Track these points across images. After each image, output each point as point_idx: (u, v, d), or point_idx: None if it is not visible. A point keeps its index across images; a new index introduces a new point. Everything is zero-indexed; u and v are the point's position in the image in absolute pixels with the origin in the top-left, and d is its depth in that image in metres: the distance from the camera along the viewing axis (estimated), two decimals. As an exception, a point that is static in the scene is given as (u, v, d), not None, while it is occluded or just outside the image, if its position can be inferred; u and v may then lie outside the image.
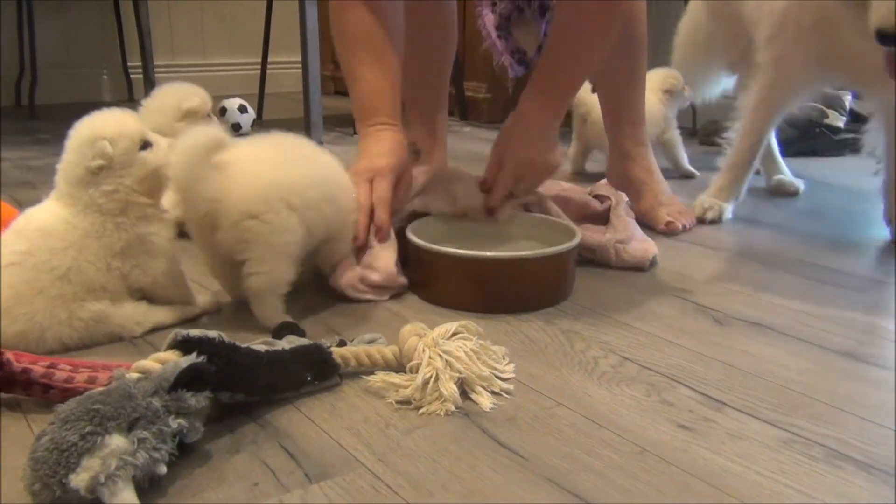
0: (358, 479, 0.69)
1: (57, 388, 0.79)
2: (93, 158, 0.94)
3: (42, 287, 0.93)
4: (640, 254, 1.24)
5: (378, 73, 1.24)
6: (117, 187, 0.96)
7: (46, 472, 0.61)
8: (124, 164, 0.97)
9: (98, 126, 0.97)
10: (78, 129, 0.98)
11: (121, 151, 0.96)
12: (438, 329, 0.87)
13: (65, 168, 0.97)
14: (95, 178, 0.95)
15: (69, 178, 0.96)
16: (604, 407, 0.82)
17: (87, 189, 0.96)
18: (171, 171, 0.96)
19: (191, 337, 0.75)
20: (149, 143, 1.00)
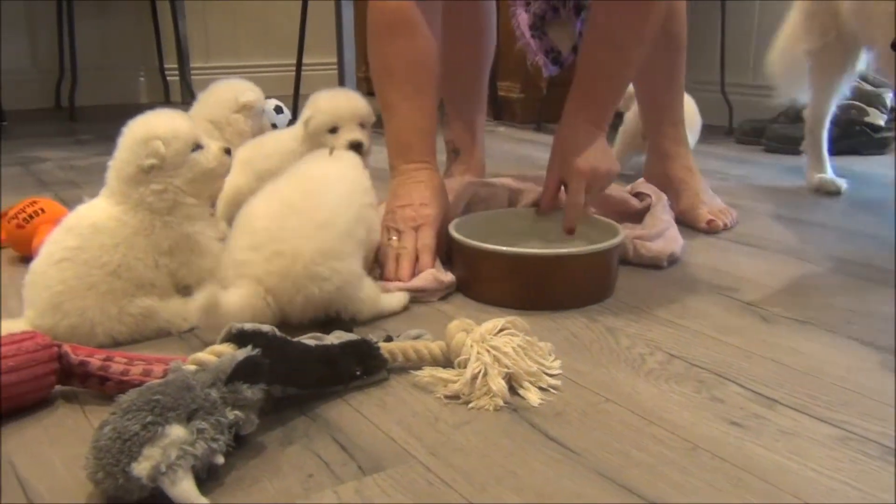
0: (410, 471, 0.70)
1: (113, 380, 0.80)
2: (146, 157, 0.96)
3: (93, 283, 0.94)
4: (658, 250, 1.23)
5: (419, 109, 1.23)
6: (167, 187, 0.98)
7: (109, 461, 0.62)
8: (175, 165, 0.98)
9: (152, 126, 0.99)
10: (132, 128, 1.00)
11: (173, 152, 0.98)
12: (486, 325, 0.88)
13: (117, 166, 0.99)
14: (146, 177, 0.97)
15: (121, 176, 0.98)
16: (652, 403, 0.82)
17: (137, 187, 0.97)
18: None
19: (245, 330, 0.76)
20: (200, 146, 1.01)
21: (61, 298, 0.93)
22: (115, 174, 0.99)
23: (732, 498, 0.66)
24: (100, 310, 0.94)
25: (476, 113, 1.58)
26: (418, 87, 1.24)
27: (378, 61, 1.26)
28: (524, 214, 1.27)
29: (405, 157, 1.23)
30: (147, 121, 1.00)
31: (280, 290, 0.95)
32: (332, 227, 0.99)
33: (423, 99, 1.24)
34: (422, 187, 1.20)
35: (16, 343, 0.78)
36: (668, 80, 1.51)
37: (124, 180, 0.98)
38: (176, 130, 0.99)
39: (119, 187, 0.98)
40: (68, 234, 0.97)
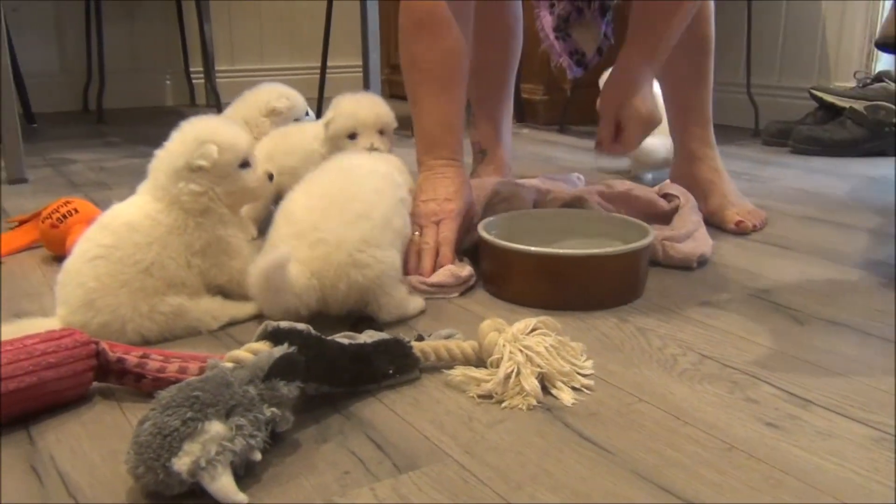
0: (446, 469, 0.70)
1: (149, 377, 0.81)
2: (198, 157, 0.97)
3: (126, 280, 0.95)
4: (688, 251, 1.22)
5: (446, 105, 1.26)
6: (206, 191, 0.99)
7: (150, 456, 0.63)
8: (221, 175, 1.00)
9: (213, 130, 1.01)
10: (192, 124, 1.02)
11: (224, 161, 0.99)
12: (518, 324, 0.88)
13: (165, 157, 1.00)
14: (190, 175, 0.98)
15: (166, 168, 0.99)
16: (686, 404, 0.81)
17: (177, 183, 0.98)
18: None
19: (281, 328, 0.76)
20: (248, 164, 1.03)
21: (94, 295, 0.94)
22: (161, 166, 1.00)
23: (770, 498, 0.66)
24: (131, 307, 0.95)
25: (503, 114, 1.58)
26: (446, 85, 1.26)
27: (408, 58, 1.29)
28: (554, 215, 1.27)
29: (432, 152, 1.24)
30: (210, 123, 1.02)
31: (323, 275, 0.96)
32: (370, 217, 1.00)
33: (451, 96, 1.26)
34: (447, 182, 1.22)
35: (55, 340, 0.79)
36: (695, 82, 1.50)
37: (168, 173, 0.99)
38: (233, 142, 1.01)
39: (162, 180, 0.99)
40: (103, 232, 0.98)
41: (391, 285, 1.01)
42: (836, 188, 1.80)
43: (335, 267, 0.96)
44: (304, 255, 0.97)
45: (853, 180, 1.88)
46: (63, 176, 1.96)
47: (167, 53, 3.27)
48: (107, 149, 2.32)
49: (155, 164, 1.01)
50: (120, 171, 1.99)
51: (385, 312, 1.00)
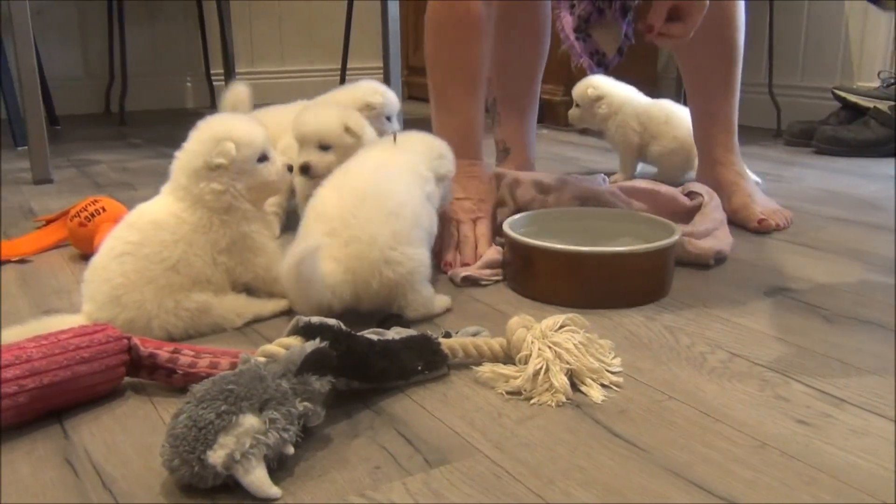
0: (477, 464, 0.70)
1: (180, 372, 0.82)
2: (216, 155, 0.98)
3: (152, 277, 0.96)
4: (706, 248, 1.22)
5: (475, 106, 1.32)
6: (228, 188, 1.00)
7: (186, 449, 0.63)
8: (240, 170, 1.00)
9: (228, 127, 1.01)
10: (208, 124, 1.02)
11: (242, 157, 1.00)
12: (546, 321, 0.88)
13: (184, 157, 1.01)
14: (210, 174, 0.99)
15: (187, 168, 1.00)
16: (717, 401, 0.81)
17: (199, 182, 0.99)
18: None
19: (312, 323, 0.77)
20: (266, 157, 1.04)
21: (121, 291, 0.95)
22: (181, 165, 1.01)
23: (805, 496, 0.65)
24: (157, 303, 0.96)
25: (528, 113, 1.58)
26: (476, 86, 1.30)
27: (440, 57, 1.31)
28: (579, 213, 1.27)
29: (464, 153, 1.26)
30: (224, 121, 1.03)
31: (357, 272, 0.97)
32: (401, 214, 1.01)
33: (478, 97, 1.31)
34: (477, 182, 1.28)
35: (88, 335, 0.80)
36: (722, 87, 1.48)
37: (189, 174, 1.00)
38: (249, 137, 1.01)
39: (183, 180, 1.00)
40: (129, 230, 0.99)
41: (420, 282, 1.02)
42: (862, 188, 1.78)
43: (368, 264, 0.97)
44: (338, 252, 0.97)
45: (878, 180, 1.86)
46: (87, 177, 1.98)
47: (188, 56, 3.30)
48: (129, 150, 2.34)
49: (175, 165, 1.02)
50: (143, 172, 2.00)
51: (412, 309, 1.01)
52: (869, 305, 1.07)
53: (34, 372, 0.74)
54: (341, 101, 1.55)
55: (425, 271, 1.03)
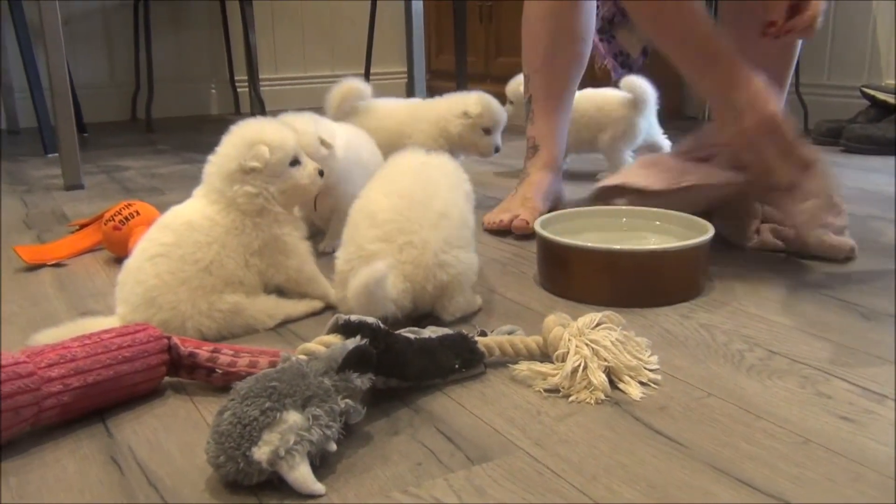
0: (518, 461, 0.70)
1: (220, 371, 0.82)
2: (250, 159, 0.99)
3: (186, 278, 0.97)
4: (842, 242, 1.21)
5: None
6: (261, 192, 1.01)
7: (231, 445, 0.64)
8: (273, 174, 1.01)
9: (262, 131, 1.02)
10: (242, 128, 1.03)
11: (275, 161, 1.01)
12: (583, 319, 0.87)
13: (218, 161, 1.02)
14: (244, 178, 1.00)
15: (220, 172, 1.01)
16: (757, 398, 0.80)
17: (232, 185, 1.00)
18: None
19: (351, 322, 0.77)
20: (298, 162, 1.04)
21: (155, 293, 0.95)
22: (214, 170, 1.02)
23: (852, 492, 0.64)
24: (191, 304, 0.96)
25: (562, 114, 1.57)
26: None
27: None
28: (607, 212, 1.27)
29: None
30: (258, 125, 1.04)
31: (414, 278, 0.97)
32: (451, 216, 1.01)
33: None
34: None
35: (130, 334, 0.81)
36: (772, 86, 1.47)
37: (223, 177, 1.01)
38: (282, 142, 1.02)
39: (217, 183, 1.01)
40: (163, 232, 1.00)
41: (469, 281, 1.02)
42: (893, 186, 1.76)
43: (424, 269, 0.97)
44: (394, 259, 0.96)
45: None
46: (117, 182, 2.00)
47: (212, 63, 3.33)
48: (157, 156, 2.37)
49: (209, 169, 1.03)
50: (171, 177, 2.02)
51: (452, 311, 1.00)
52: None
53: (78, 371, 0.75)
54: (440, 107, 1.65)
55: (473, 276, 1.03)
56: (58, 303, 1.13)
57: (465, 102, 1.62)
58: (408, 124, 1.66)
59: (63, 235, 1.46)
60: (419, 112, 1.68)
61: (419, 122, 1.65)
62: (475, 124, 1.61)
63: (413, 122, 1.66)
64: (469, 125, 1.61)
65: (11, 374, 0.70)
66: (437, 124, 1.63)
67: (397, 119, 1.67)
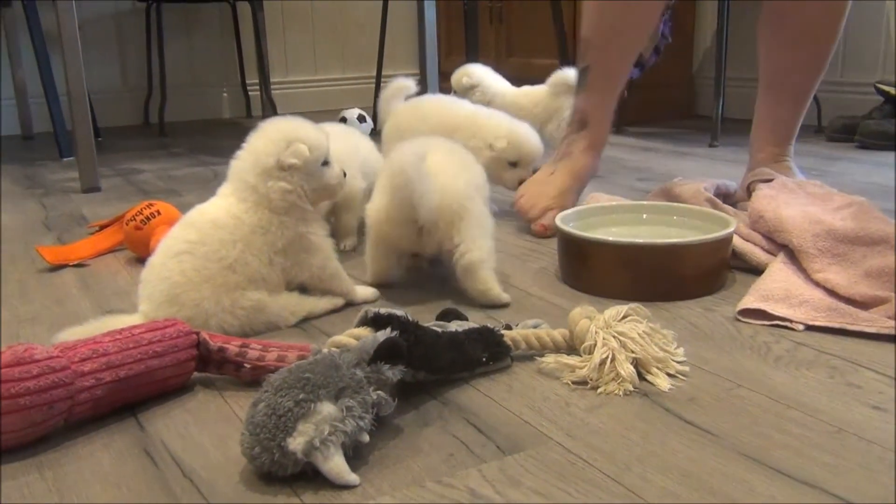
0: (550, 451, 0.70)
1: (248, 366, 0.83)
2: (290, 155, 1.00)
3: (210, 275, 0.97)
4: None
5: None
6: (295, 188, 1.01)
7: (266, 436, 0.64)
8: (308, 172, 1.02)
9: (299, 130, 1.03)
10: (277, 126, 1.03)
11: (311, 160, 1.02)
12: (609, 311, 0.88)
13: (249, 158, 1.02)
14: (280, 174, 1.00)
15: (256, 168, 1.01)
16: (787, 388, 0.80)
17: (266, 181, 1.00)
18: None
19: (381, 314, 0.77)
20: (328, 162, 1.05)
21: (179, 290, 0.96)
22: (247, 166, 1.02)
23: (888, 479, 0.64)
24: (214, 301, 0.97)
25: (617, 91, 1.47)
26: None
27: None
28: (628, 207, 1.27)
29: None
30: (294, 124, 1.04)
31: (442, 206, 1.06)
32: (472, 169, 1.16)
33: None
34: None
35: (160, 329, 0.81)
36: (799, 96, 1.44)
37: (258, 173, 1.00)
38: (318, 142, 1.03)
39: (248, 180, 1.01)
40: (188, 229, 1.00)
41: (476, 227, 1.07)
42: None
43: (451, 196, 1.06)
44: None
45: (927, 173, 1.84)
46: (133, 185, 2.01)
47: (224, 67, 3.34)
48: (171, 159, 2.38)
49: (238, 166, 1.03)
50: (187, 179, 2.03)
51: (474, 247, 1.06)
52: (932, 294, 1.05)
53: (110, 366, 0.76)
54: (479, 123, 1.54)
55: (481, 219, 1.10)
56: (82, 302, 1.14)
57: (494, 132, 1.50)
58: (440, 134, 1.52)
59: (83, 236, 1.46)
60: (459, 123, 1.53)
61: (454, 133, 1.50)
62: (499, 158, 1.50)
63: (445, 131, 1.49)
64: (493, 158, 1.49)
65: (46, 369, 0.71)
66: (469, 143, 1.47)
67: (430, 125, 1.54)
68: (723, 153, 2.16)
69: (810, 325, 0.95)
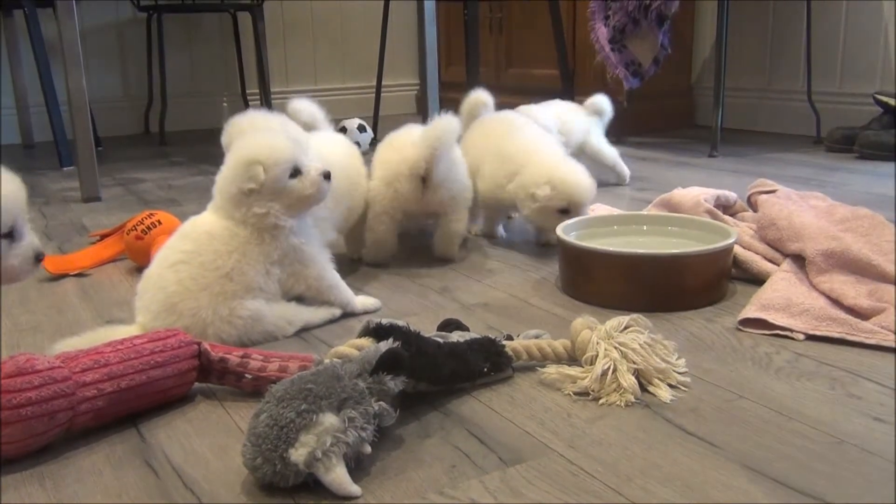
0: (552, 463, 0.70)
1: (250, 376, 0.83)
2: (247, 181, 0.99)
3: (207, 284, 0.97)
4: None
5: None
6: (268, 210, 1.00)
7: (268, 447, 0.64)
8: (274, 192, 1.00)
9: (254, 150, 1.01)
10: (237, 149, 1.02)
11: (272, 179, 0.99)
12: (610, 322, 0.88)
13: (221, 185, 1.02)
14: (247, 200, 0.99)
15: (224, 195, 1.01)
16: (788, 400, 0.80)
17: (239, 207, 1.00)
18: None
19: (382, 325, 0.77)
20: (299, 171, 1.02)
21: (176, 299, 0.96)
22: (219, 191, 1.02)
23: (889, 491, 0.64)
24: (212, 310, 0.97)
25: None
26: None
27: None
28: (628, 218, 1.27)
29: None
30: (250, 144, 1.02)
31: None
32: None
33: None
34: None
35: (161, 340, 0.81)
36: None
37: (227, 199, 1.01)
38: (276, 157, 1.00)
39: (223, 205, 1.01)
40: (184, 240, 1.00)
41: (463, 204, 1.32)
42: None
43: None
44: None
45: (926, 184, 1.84)
46: (134, 194, 2.01)
47: (225, 77, 3.35)
48: (172, 168, 2.38)
49: (216, 187, 1.03)
50: (187, 189, 2.03)
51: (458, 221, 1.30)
52: (932, 305, 1.05)
53: (112, 376, 0.76)
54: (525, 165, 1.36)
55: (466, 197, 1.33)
56: (83, 311, 1.14)
57: (534, 178, 1.31)
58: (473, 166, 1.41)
59: (84, 246, 1.46)
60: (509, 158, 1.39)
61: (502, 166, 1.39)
62: (546, 207, 1.29)
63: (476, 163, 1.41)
64: (539, 209, 1.30)
65: (47, 379, 0.71)
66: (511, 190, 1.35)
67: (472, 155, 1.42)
68: (722, 163, 2.17)
69: (811, 335, 0.95)
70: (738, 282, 1.16)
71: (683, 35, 2.83)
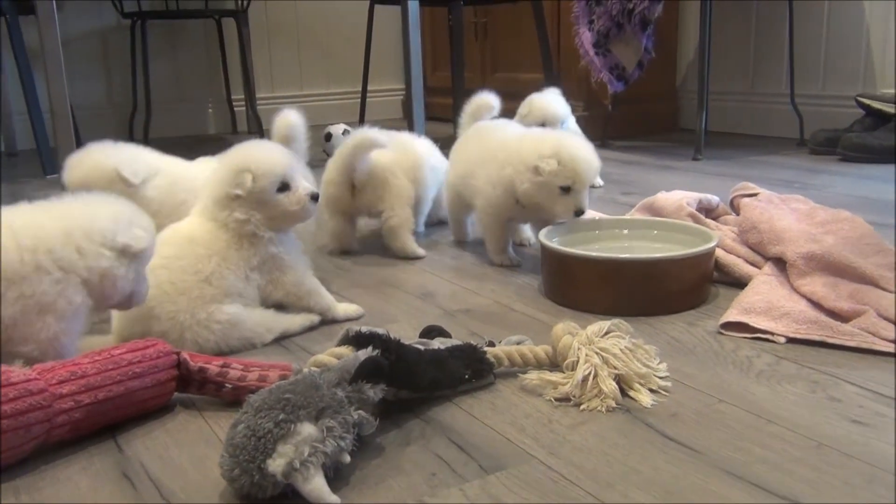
0: (532, 470, 0.70)
1: (230, 386, 0.82)
2: (234, 186, 1.00)
3: (186, 287, 0.97)
4: None
5: None
6: (249, 218, 1.01)
7: (245, 458, 0.64)
8: (259, 201, 1.01)
9: (247, 157, 1.02)
10: (231, 153, 1.04)
11: (259, 188, 1.01)
12: (591, 327, 0.88)
13: (209, 186, 1.03)
14: (232, 204, 1.01)
15: (211, 196, 1.02)
16: (768, 403, 0.80)
17: (223, 210, 1.01)
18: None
19: (362, 333, 0.77)
20: (287, 187, 1.03)
21: (154, 302, 0.95)
22: (208, 192, 1.03)
23: (868, 494, 0.64)
24: (190, 314, 0.96)
25: None
26: None
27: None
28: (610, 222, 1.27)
29: None
30: (245, 151, 1.04)
31: None
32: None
33: None
34: None
35: (140, 350, 0.81)
36: None
37: (214, 201, 1.02)
38: (267, 167, 1.02)
39: (209, 206, 1.03)
40: (163, 246, 1.00)
41: None
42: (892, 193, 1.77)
43: None
44: None
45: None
46: (117, 202, 2.00)
47: (209, 83, 3.34)
48: (156, 175, 2.36)
49: (204, 191, 1.04)
50: (172, 196, 2.02)
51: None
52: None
53: (89, 387, 0.75)
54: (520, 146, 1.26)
55: None
56: (63, 321, 1.13)
57: (537, 150, 1.19)
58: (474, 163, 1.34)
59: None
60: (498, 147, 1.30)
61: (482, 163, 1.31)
62: (548, 183, 1.19)
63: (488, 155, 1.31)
64: (539, 184, 1.19)
65: (23, 391, 0.70)
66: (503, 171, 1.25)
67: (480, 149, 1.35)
68: (706, 166, 2.17)
69: (792, 339, 0.96)
70: (720, 285, 1.16)
71: (667, 39, 2.84)
